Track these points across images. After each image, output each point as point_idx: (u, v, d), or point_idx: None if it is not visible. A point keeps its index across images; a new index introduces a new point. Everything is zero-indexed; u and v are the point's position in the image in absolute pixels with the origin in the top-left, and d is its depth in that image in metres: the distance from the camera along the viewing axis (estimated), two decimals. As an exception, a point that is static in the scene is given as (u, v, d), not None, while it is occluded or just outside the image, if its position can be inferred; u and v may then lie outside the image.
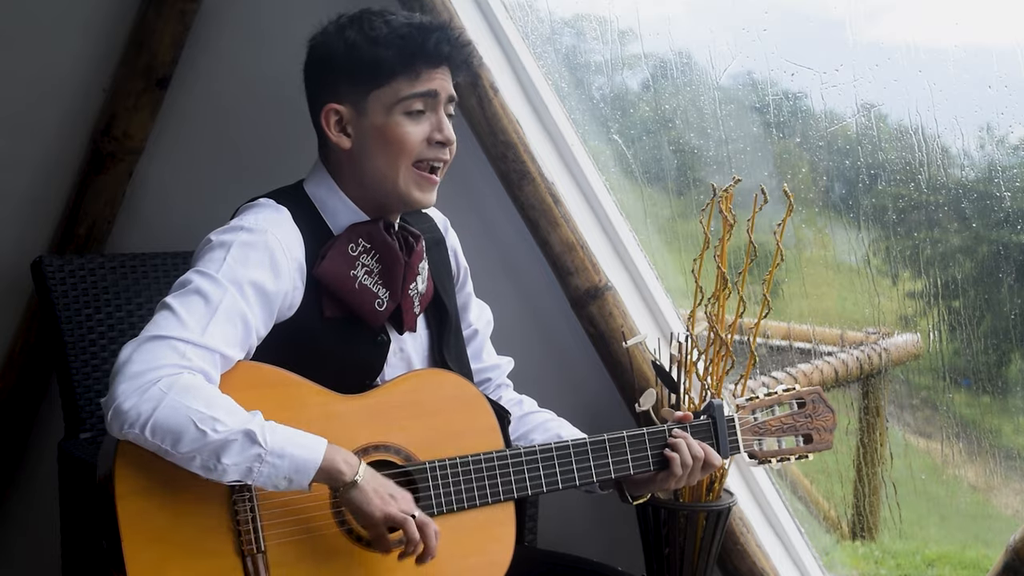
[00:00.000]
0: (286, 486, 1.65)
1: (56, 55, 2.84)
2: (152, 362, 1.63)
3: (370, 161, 1.85)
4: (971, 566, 2.82)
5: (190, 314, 1.68)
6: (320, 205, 1.89)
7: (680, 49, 2.73)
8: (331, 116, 1.85)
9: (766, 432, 2.03)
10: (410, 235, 1.93)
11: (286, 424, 1.68)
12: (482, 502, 1.83)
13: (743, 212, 2.29)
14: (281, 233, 1.80)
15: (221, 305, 1.70)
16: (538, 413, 2.13)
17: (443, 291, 2.01)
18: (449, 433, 1.84)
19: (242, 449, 1.61)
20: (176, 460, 1.62)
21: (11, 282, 2.90)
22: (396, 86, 1.83)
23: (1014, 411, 2.64)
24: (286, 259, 1.79)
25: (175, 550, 1.66)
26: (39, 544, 2.79)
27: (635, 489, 1.99)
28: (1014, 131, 2.51)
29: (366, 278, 1.86)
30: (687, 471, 1.93)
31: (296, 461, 1.64)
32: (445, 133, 1.86)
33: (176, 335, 1.66)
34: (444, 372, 1.94)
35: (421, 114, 1.85)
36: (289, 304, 1.82)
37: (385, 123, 1.83)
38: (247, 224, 1.79)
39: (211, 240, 1.79)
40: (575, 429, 2.08)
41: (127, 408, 1.60)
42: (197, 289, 1.71)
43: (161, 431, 1.60)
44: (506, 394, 2.16)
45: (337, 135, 1.86)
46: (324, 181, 1.90)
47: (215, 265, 1.74)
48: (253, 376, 1.75)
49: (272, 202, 1.86)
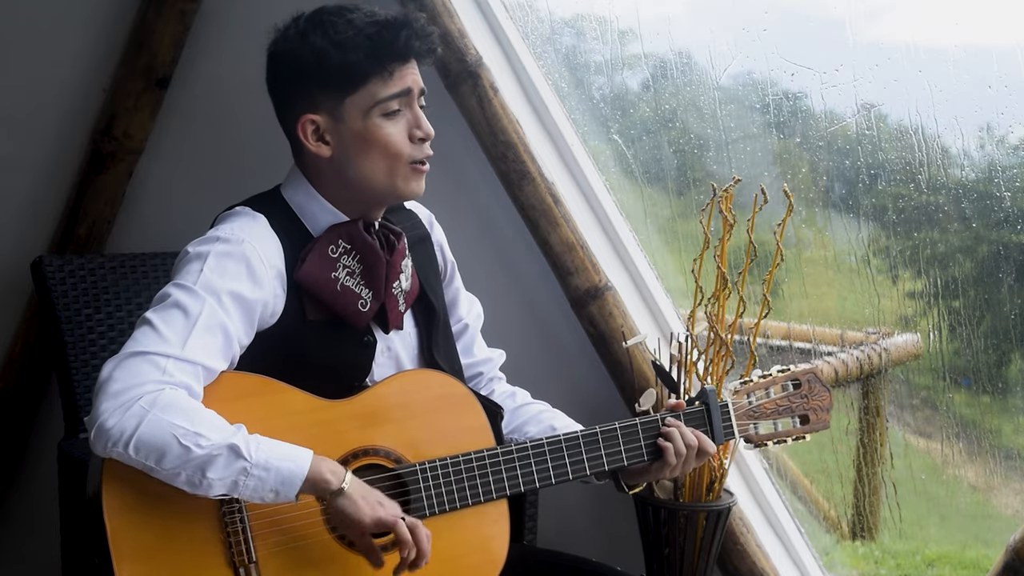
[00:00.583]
0: (273, 498, 1.65)
1: (56, 55, 2.84)
2: (133, 379, 1.62)
3: (354, 166, 1.83)
4: (971, 566, 2.82)
5: (170, 328, 1.67)
6: (298, 209, 1.87)
7: (680, 49, 2.73)
8: (308, 126, 1.83)
9: (761, 415, 2.00)
10: (391, 233, 1.91)
11: (275, 433, 1.68)
12: (474, 501, 1.82)
13: (743, 212, 2.29)
14: (258, 241, 1.79)
15: (200, 317, 1.69)
16: (531, 405, 2.11)
17: (429, 288, 1.99)
18: (439, 433, 1.84)
19: (227, 464, 1.61)
20: (161, 477, 1.62)
21: (11, 282, 2.90)
22: (370, 88, 1.80)
23: (1014, 411, 2.64)
24: (264, 267, 1.78)
25: (166, 565, 1.65)
26: (39, 544, 2.79)
27: (631, 479, 1.98)
28: (1014, 131, 2.51)
29: (348, 279, 1.84)
30: (681, 460, 1.92)
31: (282, 473, 1.63)
32: (424, 129, 1.84)
33: (156, 350, 1.65)
34: (432, 372, 1.92)
35: (397, 113, 1.82)
36: (271, 312, 1.80)
37: (364, 127, 1.81)
38: (223, 234, 1.78)
39: (188, 252, 1.78)
40: (569, 419, 2.06)
41: (110, 426, 1.59)
42: (176, 303, 1.70)
43: (145, 448, 1.59)
44: (499, 387, 2.14)
45: (316, 144, 1.83)
46: (301, 186, 1.88)
47: (192, 277, 1.73)
48: (238, 386, 1.74)
49: (248, 210, 1.85)
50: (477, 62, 2.58)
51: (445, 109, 2.58)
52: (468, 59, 2.57)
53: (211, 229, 1.83)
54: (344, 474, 1.68)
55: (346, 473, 1.68)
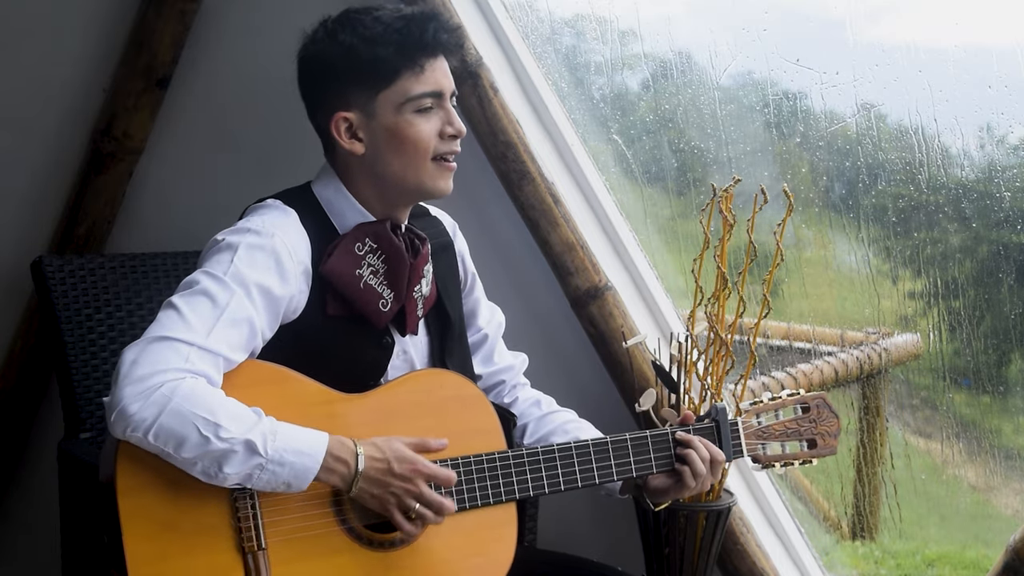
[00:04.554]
0: (285, 489, 1.67)
1: (56, 55, 2.84)
2: (156, 365, 1.62)
3: (386, 162, 1.85)
4: (971, 566, 2.82)
5: (196, 315, 1.68)
6: (327, 206, 1.89)
7: (680, 49, 2.73)
8: (341, 124, 1.84)
9: (770, 436, 2.03)
10: (416, 237, 1.93)
11: (287, 423, 1.68)
12: (483, 503, 1.83)
13: (743, 212, 2.29)
14: (288, 236, 1.80)
15: (228, 308, 1.70)
16: (557, 413, 2.12)
17: (446, 297, 2.01)
18: (450, 433, 1.84)
19: (243, 460, 1.62)
20: (177, 463, 1.63)
21: (11, 282, 2.90)
22: (402, 84, 1.82)
23: (1014, 411, 2.64)
24: (292, 263, 1.79)
25: (175, 546, 1.66)
26: (39, 544, 2.79)
27: (655, 496, 1.99)
28: (1014, 131, 2.51)
29: (371, 278, 1.85)
30: (700, 480, 1.94)
31: (296, 469, 1.65)
32: (456, 126, 1.87)
33: (181, 337, 1.65)
34: (445, 372, 1.93)
35: (430, 110, 1.85)
36: (294, 308, 1.82)
37: (397, 123, 1.83)
38: (254, 226, 1.79)
39: (218, 241, 1.79)
40: (596, 431, 2.07)
41: (131, 412, 1.60)
42: (204, 290, 1.71)
43: (164, 436, 1.60)
44: (522, 393, 2.14)
45: (350, 142, 1.85)
46: (332, 183, 1.90)
47: (222, 267, 1.73)
48: (255, 373, 1.75)
49: (280, 203, 1.86)
50: (477, 62, 2.58)
51: (445, 109, 2.57)
52: (468, 59, 2.57)
53: (241, 220, 1.84)
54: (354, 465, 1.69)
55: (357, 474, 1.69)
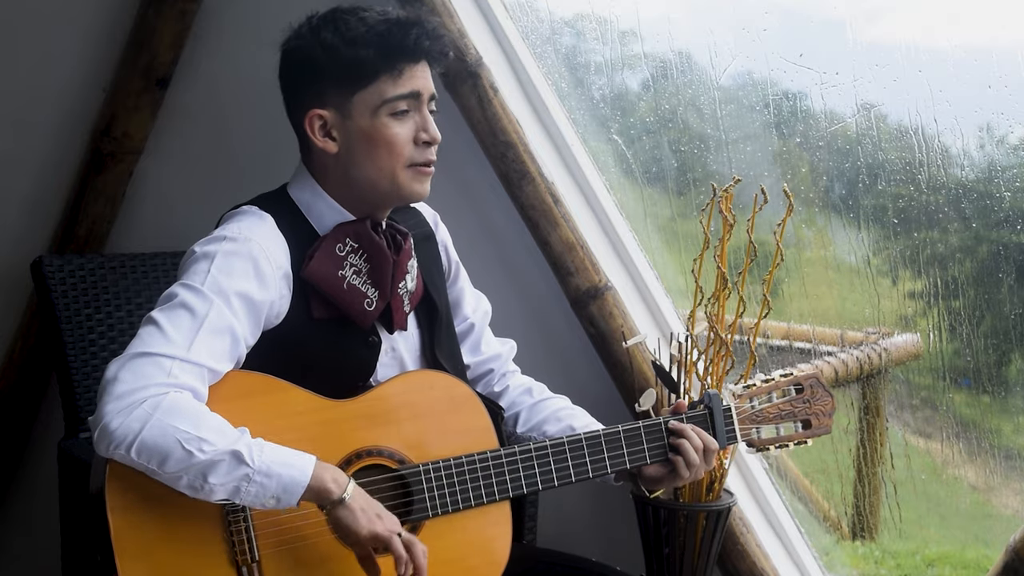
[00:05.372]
0: (274, 504, 1.65)
1: (56, 55, 2.84)
2: (138, 381, 1.61)
3: (359, 164, 1.83)
4: (971, 566, 2.81)
5: (176, 329, 1.66)
6: (305, 208, 1.87)
7: (680, 49, 2.73)
8: (315, 121, 1.83)
9: (764, 420, 2.01)
10: (398, 233, 1.91)
11: (278, 432, 1.68)
12: (477, 502, 1.82)
13: (743, 212, 2.28)
14: (265, 241, 1.78)
15: (207, 319, 1.69)
16: (549, 400, 2.10)
17: (433, 288, 1.99)
18: (442, 434, 1.84)
19: (229, 470, 1.60)
20: (163, 480, 1.62)
21: (11, 282, 2.90)
22: (380, 86, 1.80)
23: (1014, 411, 2.64)
24: (270, 267, 1.77)
25: (168, 563, 1.65)
26: (39, 544, 2.79)
27: (650, 484, 1.99)
28: (1014, 131, 2.51)
29: (355, 278, 1.84)
30: (694, 470, 1.94)
31: (284, 480, 1.63)
32: (431, 133, 1.84)
33: (162, 351, 1.64)
34: (436, 373, 1.92)
35: (406, 113, 1.82)
36: (276, 313, 1.80)
37: (371, 125, 1.81)
38: (230, 233, 1.77)
39: (195, 251, 1.77)
40: (589, 418, 2.06)
41: (113, 428, 1.59)
42: (183, 303, 1.69)
43: (147, 452, 1.59)
44: (513, 381, 2.13)
45: (323, 140, 1.83)
46: (308, 184, 1.88)
47: (200, 277, 1.72)
48: (242, 385, 1.73)
49: (255, 209, 1.84)
50: (477, 62, 2.58)
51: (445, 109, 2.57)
52: (468, 59, 2.57)
53: (217, 228, 1.83)
54: (346, 483, 1.67)
55: (348, 482, 1.68)
